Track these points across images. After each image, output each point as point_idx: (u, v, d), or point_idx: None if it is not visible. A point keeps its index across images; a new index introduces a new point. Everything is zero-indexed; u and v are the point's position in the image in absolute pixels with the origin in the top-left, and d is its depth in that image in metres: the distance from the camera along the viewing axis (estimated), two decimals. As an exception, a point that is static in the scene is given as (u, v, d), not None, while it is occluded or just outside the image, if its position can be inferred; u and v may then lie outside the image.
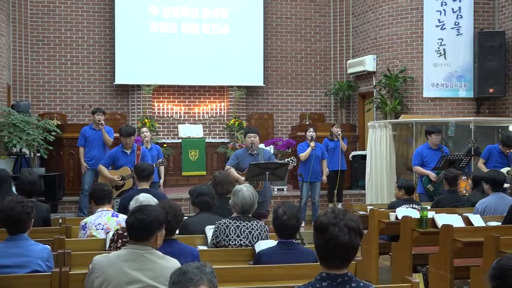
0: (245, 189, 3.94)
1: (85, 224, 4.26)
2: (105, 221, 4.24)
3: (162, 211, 3.01)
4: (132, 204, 3.75)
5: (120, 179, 6.63)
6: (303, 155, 8.20)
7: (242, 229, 3.84)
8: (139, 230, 2.75)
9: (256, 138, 6.35)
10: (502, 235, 4.17)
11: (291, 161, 6.63)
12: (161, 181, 7.73)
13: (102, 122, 8.05)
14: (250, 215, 3.96)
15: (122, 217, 4.18)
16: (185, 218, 4.24)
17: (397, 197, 5.94)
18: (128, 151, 6.75)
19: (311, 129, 8.30)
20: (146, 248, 2.75)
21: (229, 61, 11.40)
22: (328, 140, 8.91)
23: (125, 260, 2.71)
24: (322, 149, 8.42)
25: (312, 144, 8.13)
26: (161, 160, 7.18)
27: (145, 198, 3.83)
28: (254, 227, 3.89)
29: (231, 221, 3.87)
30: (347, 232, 2.14)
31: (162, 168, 7.74)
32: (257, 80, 11.65)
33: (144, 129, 7.89)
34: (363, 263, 3.62)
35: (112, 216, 4.29)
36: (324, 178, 8.46)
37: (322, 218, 2.19)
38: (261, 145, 9.05)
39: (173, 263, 2.76)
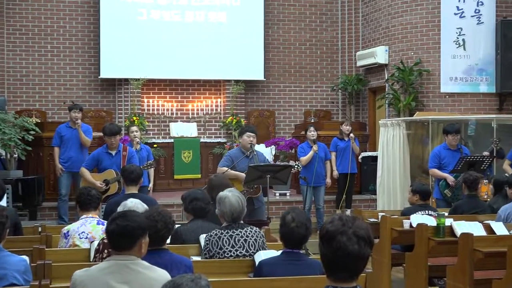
0: (230, 195, 3.94)
1: (68, 232, 4.24)
2: (90, 229, 4.23)
3: (145, 216, 3.01)
4: (120, 210, 3.74)
5: (102, 185, 6.61)
6: (304, 159, 8.21)
7: (237, 238, 3.84)
8: (122, 238, 2.75)
9: (255, 139, 6.36)
10: (527, 244, 4.16)
11: (296, 166, 6.62)
12: (151, 185, 7.73)
13: (79, 121, 8.00)
14: (242, 222, 3.96)
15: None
16: (177, 226, 4.24)
17: (412, 202, 5.94)
18: (113, 152, 6.74)
19: (312, 128, 8.30)
20: (130, 258, 2.75)
21: (226, 52, 11.41)
22: (338, 139, 8.91)
23: (109, 273, 2.71)
24: (325, 149, 8.43)
25: (315, 147, 8.14)
26: (150, 161, 7.17)
27: (134, 204, 3.83)
28: (249, 234, 3.89)
29: (222, 231, 3.86)
30: (356, 241, 2.13)
31: (152, 171, 7.73)
32: (257, 73, 11.66)
33: (134, 128, 7.88)
34: (373, 275, 3.61)
35: (98, 224, 4.28)
36: (329, 180, 8.46)
37: (329, 225, 2.18)
38: (260, 146, 9.08)
39: (161, 274, 2.75)
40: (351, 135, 8.72)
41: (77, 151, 7.99)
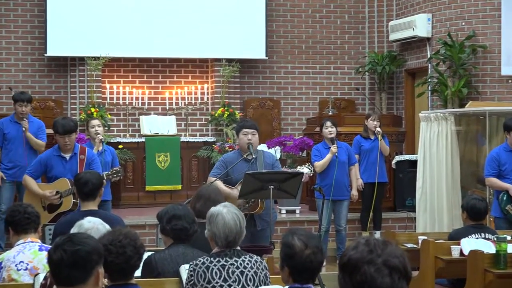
0: (225, 211, 3.94)
1: (0, 262, 4.24)
2: (30, 257, 4.22)
3: (108, 240, 2.99)
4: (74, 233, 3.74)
5: (52, 193, 6.59)
6: (319, 164, 8.18)
7: (231, 270, 3.83)
8: (73, 268, 2.74)
9: (255, 136, 6.35)
10: None
11: (308, 169, 6.60)
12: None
13: (25, 119, 7.94)
14: (239, 248, 3.96)
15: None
16: (151, 253, 4.23)
17: (463, 222, 5.94)
18: (67, 155, 6.72)
19: (329, 123, 8.28)
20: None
21: (215, 22, 11.42)
22: (361, 138, 8.92)
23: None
24: (349, 150, 8.42)
25: (334, 149, 8.12)
26: (116, 169, 7.14)
27: (93, 224, 3.82)
28: (247, 264, 3.89)
29: (212, 259, 3.86)
30: (388, 273, 2.13)
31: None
32: (256, 50, 11.67)
33: (95, 122, 7.86)
34: (412, 319, 3.60)
35: (40, 250, 4.26)
36: (355, 192, 8.47)
37: (352, 252, 2.18)
38: (262, 146, 9.06)
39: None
40: (378, 129, 8.71)
41: (26, 154, 7.96)
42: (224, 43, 11.42)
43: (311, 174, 7.10)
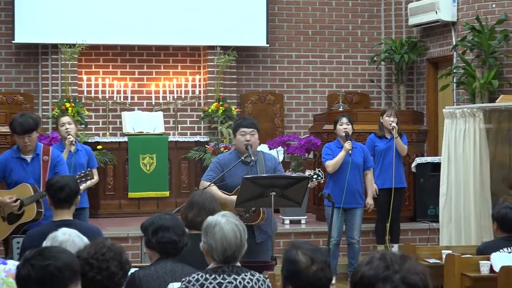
0: (224, 221, 3.93)
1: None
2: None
3: (88, 254, 2.98)
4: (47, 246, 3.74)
5: (12, 198, 6.57)
6: (331, 164, 8.21)
7: (229, 288, 3.84)
8: (40, 286, 2.75)
9: (254, 137, 6.36)
10: None
11: (316, 176, 6.61)
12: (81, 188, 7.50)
13: None
14: (239, 264, 3.96)
15: (14, 264, 4.14)
16: (135, 270, 4.24)
17: (494, 234, 5.94)
18: (28, 157, 6.71)
19: (345, 120, 8.31)
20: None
21: (209, 5, 11.42)
22: (375, 137, 8.94)
23: None
24: (365, 152, 8.43)
25: (348, 145, 8.13)
26: (87, 170, 7.12)
27: (68, 237, 3.81)
28: (248, 283, 3.88)
29: (207, 276, 3.85)
30: (407, 291, 2.13)
31: (92, 182, 7.67)
32: (255, 36, 11.67)
33: (66, 118, 7.84)
34: None
35: (-3, 263, 4.27)
36: (370, 201, 8.47)
37: (365, 268, 2.19)
38: (262, 147, 9.06)
39: None
40: (393, 125, 8.71)
41: None
42: (218, 28, 11.42)
43: (322, 181, 7.10)
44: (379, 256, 2.22)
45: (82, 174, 6.99)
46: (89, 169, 7.22)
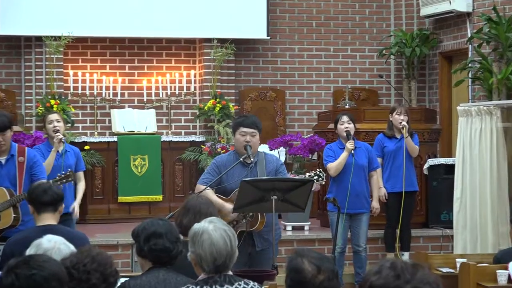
0: (212, 228, 3.91)
1: None
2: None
3: (70, 263, 2.97)
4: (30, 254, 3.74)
5: None
6: (333, 166, 8.19)
7: (220, 300, 3.83)
8: None
9: (255, 138, 6.37)
10: None
11: (316, 177, 6.59)
12: (76, 204, 7.64)
13: None
14: (231, 273, 3.95)
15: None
16: (125, 280, 4.23)
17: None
18: (3, 158, 6.71)
19: (345, 118, 8.30)
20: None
21: (205, -7, 11.44)
22: (384, 137, 8.93)
23: None
24: (369, 152, 8.42)
25: (349, 145, 8.11)
26: (67, 172, 7.12)
27: (53, 244, 3.81)
28: (241, 293, 3.88)
29: (198, 288, 3.86)
30: (419, 303, 2.14)
31: (81, 187, 7.70)
32: (255, 28, 11.67)
33: (54, 116, 7.83)
34: None
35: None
36: (376, 204, 8.46)
37: (374, 278, 2.19)
38: (262, 147, 9.05)
39: None
40: (404, 123, 8.68)
41: None
42: (215, 19, 11.42)
43: (323, 183, 7.09)
44: (389, 265, 2.22)
45: (63, 176, 6.97)
46: (69, 170, 7.20)
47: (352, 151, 8.10)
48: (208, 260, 3.88)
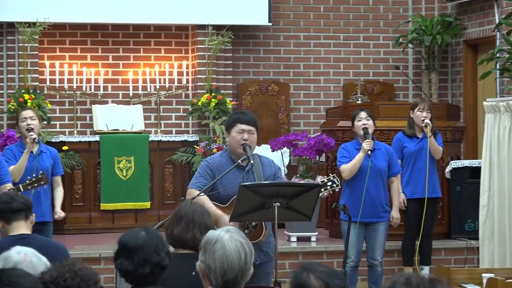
0: (227, 238, 3.91)
1: None
2: None
3: (48, 278, 2.96)
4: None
5: None
6: (347, 168, 8.17)
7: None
8: None
9: (253, 136, 6.35)
10: None
11: (330, 183, 6.58)
12: (57, 209, 7.67)
13: None
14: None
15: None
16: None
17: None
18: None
19: (364, 114, 8.28)
20: None
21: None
22: (404, 136, 8.93)
23: None
24: (390, 154, 8.40)
25: (366, 145, 8.10)
26: (38, 175, 7.09)
27: (24, 257, 3.80)
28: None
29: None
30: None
31: (59, 194, 7.71)
32: (255, 14, 11.66)
33: (27, 112, 7.85)
34: None
35: None
36: (396, 214, 8.46)
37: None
38: (263, 148, 9.04)
39: None
40: (427, 121, 8.68)
41: None
42: (210, 3, 11.42)
43: (337, 189, 7.06)
44: (404, 281, 2.22)
45: (33, 179, 6.97)
46: (41, 172, 7.20)
47: (369, 152, 8.07)
48: (217, 272, 3.87)
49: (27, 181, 6.97)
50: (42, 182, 7.07)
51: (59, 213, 7.68)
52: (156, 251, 4.24)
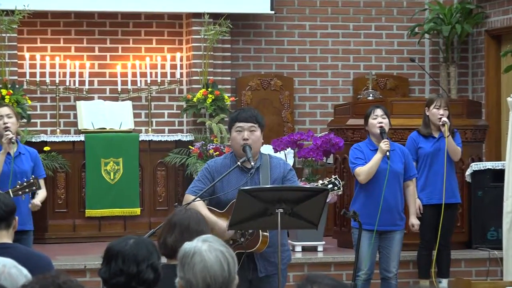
0: (205, 248, 3.90)
1: None
2: None
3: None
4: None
5: None
6: (364, 171, 8.18)
7: None
8: None
9: (255, 133, 6.36)
10: None
11: (331, 185, 6.57)
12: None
13: None
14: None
15: None
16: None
17: None
18: None
19: (379, 111, 8.29)
20: None
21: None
22: (419, 136, 8.94)
23: None
24: (405, 156, 8.43)
25: (384, 146, 8.08)
26: (30, 179, 7.11)
27: (2, 268, 3.81)
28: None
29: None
30: None
31: (41, 192, 7.71)
32: (256, 2, 11.70)
33: (4, 110, 7.90)
34: None
35: None
36: (415, 221, 8.45)
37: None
38: (266, 148, 9.03)
39: None
40: (444, 119, 8.68)
41: None
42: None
43: (340, 192, 7.06)
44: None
45: (25, 184, 6.98)
46: (33, 176, 7.22)
47: (388, 153, 8.05)
48: (200, 287, 3.86)
49: (18, 186, 6.99)
50: (34, 188, 7.10)
51: (36, 202, 7.61)
52: (136, 262, 4.24)
